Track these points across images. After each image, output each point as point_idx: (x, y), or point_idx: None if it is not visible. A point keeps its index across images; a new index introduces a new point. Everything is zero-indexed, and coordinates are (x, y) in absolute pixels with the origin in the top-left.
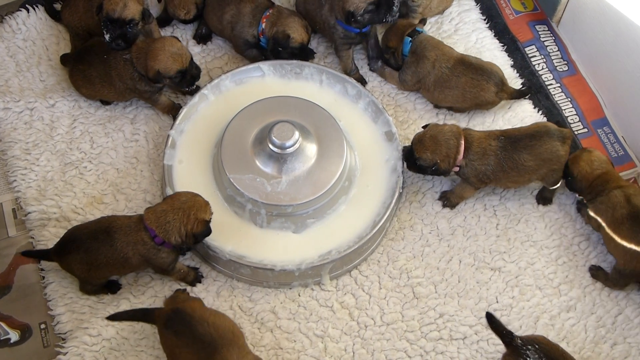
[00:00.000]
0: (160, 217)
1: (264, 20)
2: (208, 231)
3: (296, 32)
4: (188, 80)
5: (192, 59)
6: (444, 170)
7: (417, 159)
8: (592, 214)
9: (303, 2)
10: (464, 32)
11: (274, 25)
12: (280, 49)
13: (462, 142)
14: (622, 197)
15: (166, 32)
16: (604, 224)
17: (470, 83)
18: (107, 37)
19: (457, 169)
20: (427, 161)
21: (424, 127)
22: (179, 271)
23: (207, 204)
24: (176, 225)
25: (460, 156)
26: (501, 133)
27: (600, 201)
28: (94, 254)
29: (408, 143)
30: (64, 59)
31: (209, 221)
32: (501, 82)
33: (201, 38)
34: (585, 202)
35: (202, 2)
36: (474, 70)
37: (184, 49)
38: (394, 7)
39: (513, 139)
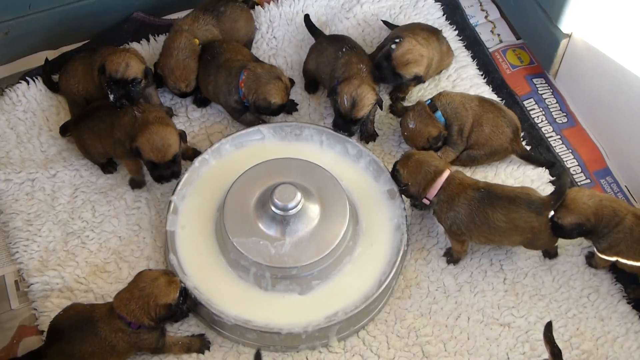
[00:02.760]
0: (126, 304)
1: (242, 85)
2: (171, 314)
3: (277, 97)
4: (155, 174)
5: (173, 159)
6: (411, 194)
7: (395, 170)
8: (605, 249)
9: (315, 62)
10: (462, 88)
11: (253, 91)
12: (261, 111)
13: (441, 180)
14: (633, 217)
15: (165, 98)
16: (624, 248)
17: (494, 121)
18: (111, 97)
19: (427, 201)
20: (400, 178)
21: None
22: (178, 344)
23: (170, 284)
24: (140, 313)
25: (432, 191)
26: (485, 185)
27: (617, 230)
28: (79, 344)
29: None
30: (64, 129)
31: (173, 304)
32: (517, 131)
33: (201, 102)
34: (594, 243)
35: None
36: (497, 109)
37: (169, 146)
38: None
39: (493, 195)
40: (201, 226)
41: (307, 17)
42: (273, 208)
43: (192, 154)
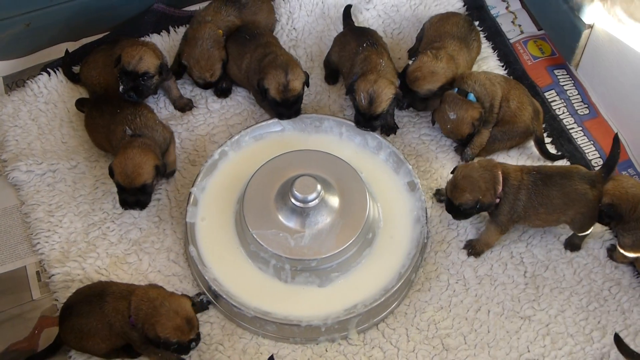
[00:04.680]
0: (141, 301)
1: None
2: (159, 344)
3: (271, 86)
4: (120, 197)
5: (142, 188)
6: (488, 205)
7: (458, 206)
8: (628, 245)
9: (338, 55)
10: None
11: (261, 69)
12: (262, 93)
13: (500, 172)
14: None
15: (186, 90)
16: None
17: (520, 98)
18: (120, 88)
19: (498, 200)
20: (469, 203)
21: (452, 171)
22: (157, 355)
23: (185, 330)
24: (142, 320)
25: (500, 187)
26: (534, 168)
27: None
28: (85, 317)
29: (431, 192)
30: (80, 104)
31: (171, 343)
32: (538, 113)
33: (222, 92)
34: (618, 235)
35: (226, 58)
36: (521, 86)
37: (138, 175)
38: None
39: (545, 175)
40: (221, 218)
41: (347, 8)
42: (293, 200)
43: (169, 171)
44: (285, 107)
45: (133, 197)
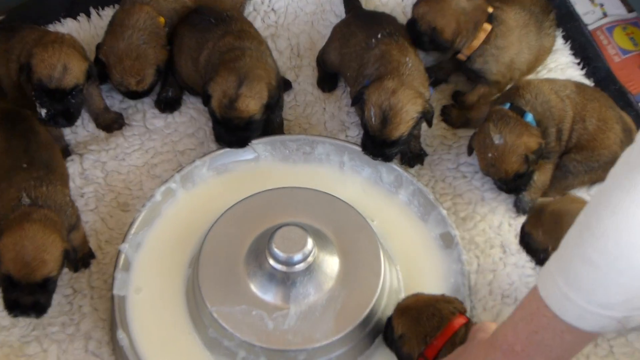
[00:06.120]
0: None
1: None
2: None
3: (214, 94)
4: (9, 297)
5: (43, 284)
6: None
7: (526, 234)
8: None
9: (339, 52)
10: None
11: (214, 69)
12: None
13: None
14: None
15: (114, 100)
16: None
17: (600, 113)
18: (42, 112)
19: None
20: (536, 242)
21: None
22: None
23: None
24: None
25: None
26: None
27: None
28: None
29: (476, 249)
30: None
31: None
32: (629, 132)
33: (166, 104)
34: None
35: (164, 64)
36: (602, 95)
37: (41, 263)
38: None
39: None
40: (165, 289)
41: None
42: (272, 261)
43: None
44: (227, 128)
45: (28, 295)
